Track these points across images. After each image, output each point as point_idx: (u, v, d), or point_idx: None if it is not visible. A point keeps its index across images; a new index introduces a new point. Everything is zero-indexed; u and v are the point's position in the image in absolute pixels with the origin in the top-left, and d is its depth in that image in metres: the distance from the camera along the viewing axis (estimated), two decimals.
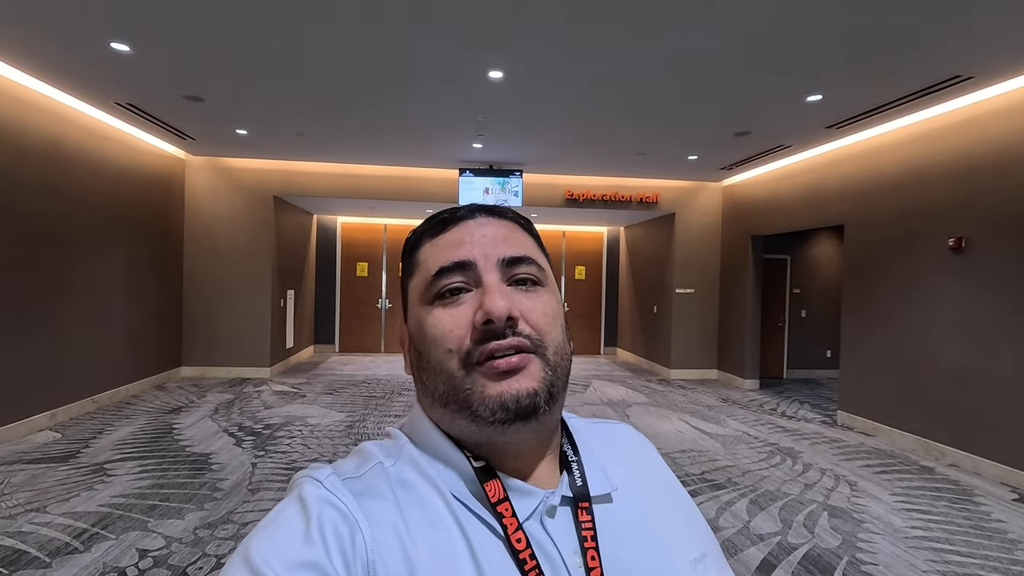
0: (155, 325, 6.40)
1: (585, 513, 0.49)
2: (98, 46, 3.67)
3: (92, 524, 2.89)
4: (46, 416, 4.64)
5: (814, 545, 2.88)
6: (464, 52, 3.70)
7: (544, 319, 0.49)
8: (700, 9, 3.06)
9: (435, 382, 0.49)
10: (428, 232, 0.54)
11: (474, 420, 0.47)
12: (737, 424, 5.42)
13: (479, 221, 0.53)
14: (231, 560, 0.42)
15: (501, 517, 0.46)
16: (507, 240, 0.52)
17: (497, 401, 0.46)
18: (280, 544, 0.41)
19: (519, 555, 0.44)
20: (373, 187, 7.43)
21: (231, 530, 2.87)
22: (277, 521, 0.44)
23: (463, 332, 0.48)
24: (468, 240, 0.51)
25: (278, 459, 4.01)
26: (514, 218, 0.56)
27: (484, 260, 0.50)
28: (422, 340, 0.50)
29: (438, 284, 0.50)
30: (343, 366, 8.42)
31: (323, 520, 0.43)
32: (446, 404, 0.49)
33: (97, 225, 5.29)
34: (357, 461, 0.50)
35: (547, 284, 0.53)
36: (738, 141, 5.78)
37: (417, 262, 0.54)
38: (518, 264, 0.51)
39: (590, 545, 0.47)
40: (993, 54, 3.51)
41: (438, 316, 0.49)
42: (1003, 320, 3.99)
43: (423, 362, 0.51)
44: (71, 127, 4.89)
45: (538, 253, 0.54)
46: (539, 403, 0.47)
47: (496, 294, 0.47)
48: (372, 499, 0.45)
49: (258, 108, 5.00)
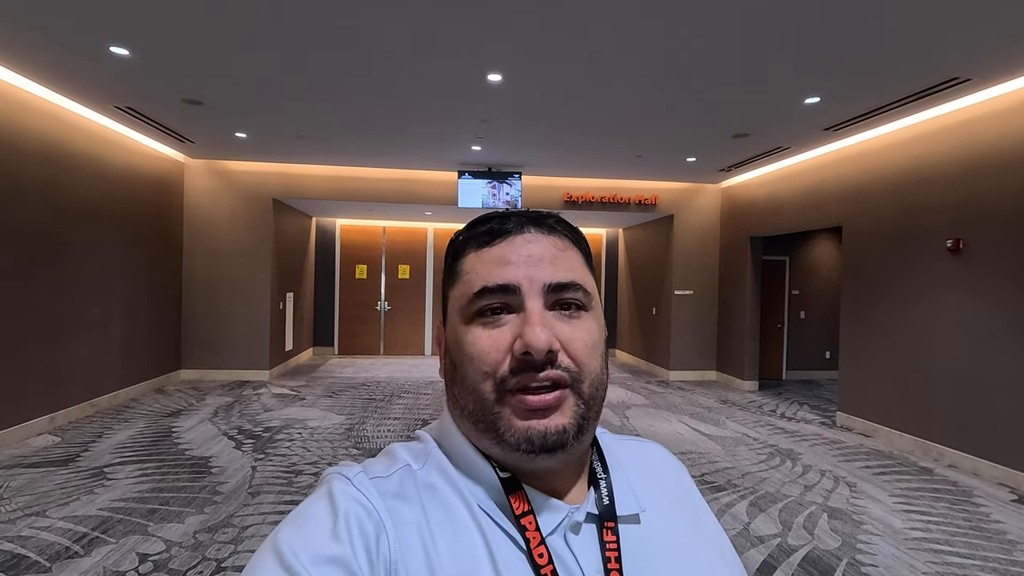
0: (154, 328, 6.40)
1: (610, 532, 0.48)
2: (97, 50, 3.68)
3: (92, 528, 2.89)
4: (45, 420, 4.63)
5: (814, 547, 2.89)
6: (463, 55, 3.71)
7: (584, 350, 0.48)
8: (698, 11, 3.07)
9: (466, 399, 0.49)
10: (473, 241, 0.52)
11: (499, 444, 0.47)
12: (736, 426, 5.42)
13: (527, 237, 0.51)
14: (260, 551, 0.43)
15: (524, 530, 0.46)
16: (555, 261, 0.50)
17: (524, 435, 0.46)
18: (308, 538, 0.42)
19: (540, 570, 0.44)
20: (372, 189, 7.43)
21: (231, 534, 2.87)
22: (306, 515, 0.44)
23: (500, 357, 0.47)
24: (514, 260, 0.49)
25: (278, 462, 4.01)
26: (564, 232, 0.54)
27: (529, 284, 0.48)
28: (459, 355, 0.50)
29: (479, 303, 0.48)
30: (342, 368, 8.42)
31: (350, 518, 0.43)
32: (475, 421, 0.48)
33: (96, 228, 5.29)
34: (386, 462, 0.50)
35: (591, 308, 0.51)
36: (737, 143, 5.79)
37: (460, 272, 0.52)
38: (564, 290, 0.49)
39: (613, 566, 0.46)
40: (991, 56, 3.52)
41: (476, 335, 0.48)
42: (1001, 320, 4.00)
43: (457, 376, 0.50)
44: (71, 130, 4.89)
45: (586, 274, 0.52)
46: (567, 440, 0.46)
47: (537, 326, 0.46)
48: (398, 500, 0.46)
49: (257, 111, 5.01)
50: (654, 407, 6.20)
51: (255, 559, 0.42)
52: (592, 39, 3.43)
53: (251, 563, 0.42)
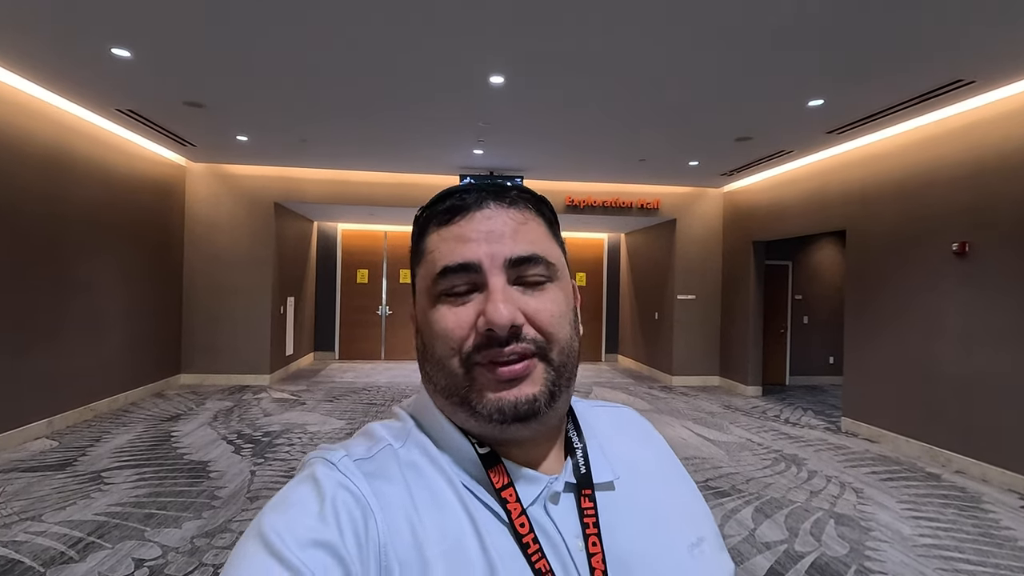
0: (154, 332, 6.37)
1: (588, 500, 0.50)
2: (99, 51, 3.67)
3: (88, 533, 2.85)
4: (43, 424, 4.60)
5: (821, 553, 2.84)
6: (465, 57, 3.70)
7: (551, 320, 0.48)
8: (700, 14, 3.05)
9: (437, 375, 0.50)
10: (435, 219, 0.52)
11: (473, 416, 0.48)
12: (740, 431, 5.37)
13: (487, 213, 0.50)
14: (244, 537, 0.42)
15: (505, 503, 0.47)
16: (516, 235, 0.50)
17: (495, 405, 0.46)
18: (294, 522, 0.41)
19: (522, 539, 0.45)
20: (373, 194, 7.42)
21: (228, 539, 2.83)
22: (290, 500, 0.44)
23: (465, 333, 0.47)
24: (474, 237, 0.49)
25: (277, 467, 3.96)
26: (527, 201, 0.53)
27: (490, 261, 0.48)
28: (428, 333, 0.50)
29: (442, 283, 0.49)
30: (343, 373, 8.38)
31: (338, 503, 0.43)
32: (447, 396, 0.49)
33: (97, 231, 5.28)
34: (366, 442, 0.50)
35: (557, 278, 0.51)
36: (739, 147, 5.77)
37: (423, 251, 0.52)
38: (525, 264, 0.49)
39: (592, 531, 0.48)
40: (995, 58, 3.50)
41: (443, 313, 0.49)
42: (1009, 325, 3.95)
43: (427, 353, 0.51)
44: (72, 134, 4.88)
45: (549, 244, 0.52)
46: (538, 408, 0.47)
47: (500, 302, 0.46)
48: (383, 481, 0.46)
49: (259, 114, 5.00)
50: (657, 412, 6.15)
51: (239, 546, 0.41)
52: (594, 43, 3.41)
53: (235, 551, 0.41)
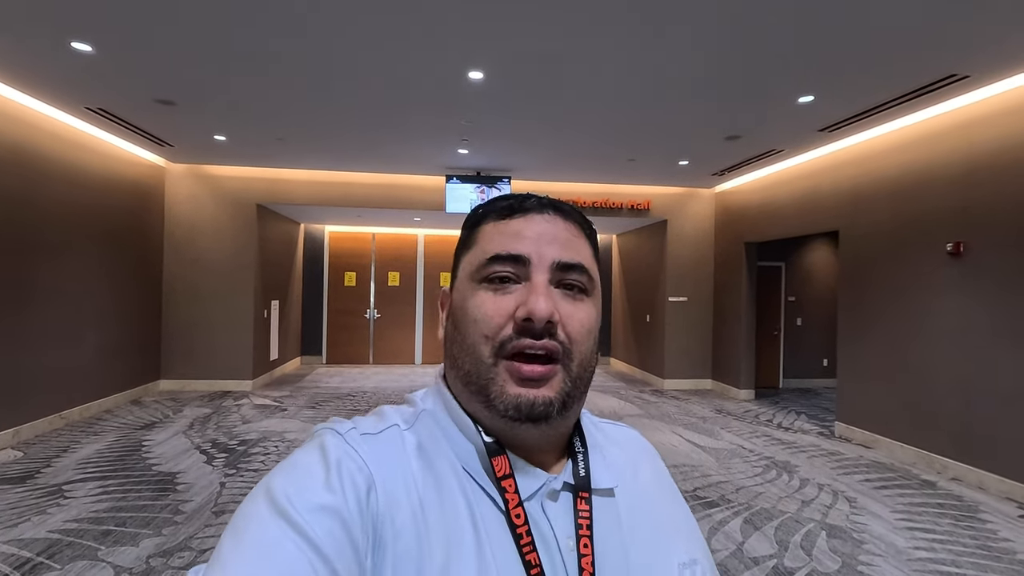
0: (132, 337, 6.19)
1: (584, 503, 0.51)
2: (57, 46, 3.52)
3: (37, 553, 2.68)
4: (9, 434, 4.41)
5: (812, 569, 2.70)
6: (446, 53, 3.56)
7: (580, 329, 0.50)
8: (686, 9, 2.92)
9: (464, 359, 0.50)
10: (494, 214, 0.55)
11: (488, 407, 0.49)
12: (732, 436, 5.24)
13: (545, 217, 0.53)
14: (251, 497, 0.42)
15: (504, 492, 0.48)
16: (566, 244, 0.52)
17: (513, 402, 0.48)
18: (302, 486, 0.42)
19: (517, 529, 0.46)
20: (359, 195, 7.27)
21: (187, 558, 2.67)
22: (299, 465, 0.44)
23: (502, 321, 0.49)
24: (528, 235, 0.52)
25: (249, 478, 3.80)
26: (580, 222, 0.56)
27: (538, 259, 0.50)
28: (463, 316, 0.51)
29: (489, 268, 0.51)
30: (329, 378, 8.21)
31: (343, 470, 0.44)
32: (467, 383, 0.50)
33: (69, 234, 5.10)
34: (375, 421, 0.51)
35: (592, 295, 0.54)
36: (730, 145, 5.65)
37: (475, 239, 0.54)
38: (570, 271, 0.51)
39: (585, 533, 0.49)
40: (989, 52, 3.38)
41: (483, 298, 0.50)
42: (1005, 327, 3.83)
43: (458, 336, 0.52)
44: (40, 133, 4.71)
45: (592, 263, 0.55)
46: (552, 412, 0.48)
47: (541, 295, 0.48)
48: (386, 457, 0.47)
49: (234, 113, 4.85)
50: (647, 417, 6.01)
51: (246, 506, 0.42)
52: (577, 40, 3.28)
53: (241, 510, 0.41)
